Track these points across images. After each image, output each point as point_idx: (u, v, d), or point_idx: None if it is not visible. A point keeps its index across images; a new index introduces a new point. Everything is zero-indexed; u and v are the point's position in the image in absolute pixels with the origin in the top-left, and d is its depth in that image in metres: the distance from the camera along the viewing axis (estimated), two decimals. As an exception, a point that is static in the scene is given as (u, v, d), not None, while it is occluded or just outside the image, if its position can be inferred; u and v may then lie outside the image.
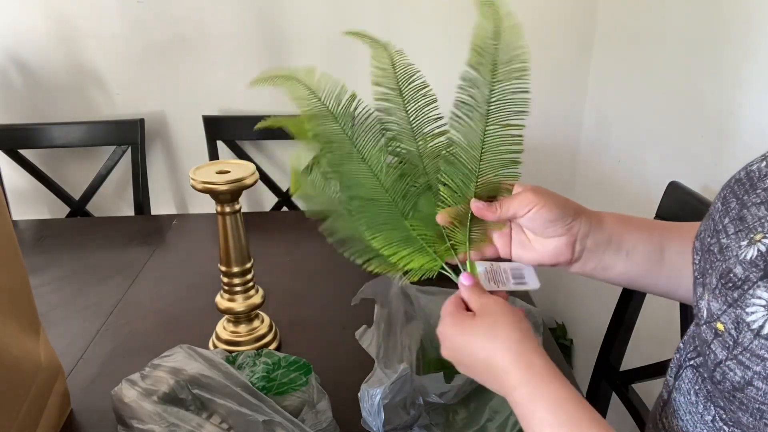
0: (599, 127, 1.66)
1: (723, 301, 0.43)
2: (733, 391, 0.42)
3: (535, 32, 1.65)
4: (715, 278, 0.45)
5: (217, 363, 0.73)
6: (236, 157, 1.66)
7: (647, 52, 1.39)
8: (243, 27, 1.59)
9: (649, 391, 1.10)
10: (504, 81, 0.58)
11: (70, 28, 1.58)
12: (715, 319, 0.43)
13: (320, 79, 0.60)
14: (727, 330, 0.42)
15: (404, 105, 0.61)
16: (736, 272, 0.42)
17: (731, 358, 0.41)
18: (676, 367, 0.54)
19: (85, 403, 0.82)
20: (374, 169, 0.60)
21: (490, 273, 0.61)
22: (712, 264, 0.47)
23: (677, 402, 0.51)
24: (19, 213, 1.72)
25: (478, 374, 0.53)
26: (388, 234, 0.61)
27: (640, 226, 0.60)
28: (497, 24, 0.60)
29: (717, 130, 1.14)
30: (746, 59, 1.05)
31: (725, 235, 0.47)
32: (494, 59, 0.59)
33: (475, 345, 0.52)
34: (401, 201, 0.61)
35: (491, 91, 0.58)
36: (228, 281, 0.87)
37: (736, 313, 0.41)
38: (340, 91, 0.60)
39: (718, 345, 0.42)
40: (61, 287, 1.11)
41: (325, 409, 0.73)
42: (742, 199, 0.47)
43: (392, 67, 0.62)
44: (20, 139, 1.58)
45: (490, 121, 0.58)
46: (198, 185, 0.79)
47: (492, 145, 0.59)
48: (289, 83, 0.61)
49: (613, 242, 0.58)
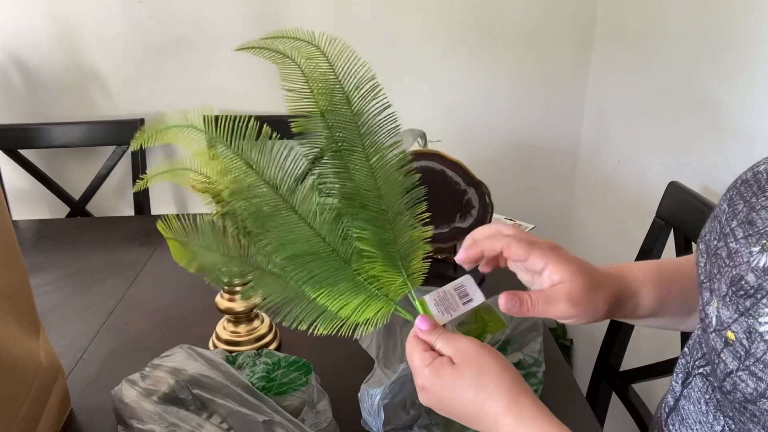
0: (599, 127, 1.66)
1: (734, 309, 0.41)
2: (745, 402, 0.40)
3: (535, 32, 1.65)
4: (724, 284, 0.44)
5: (217, 363, 0.73)
6: (236, 157, 1.66)
7: (647, 52, 1.39)
8: (243, 27, 1.59)
9: (649, 391, 1.10)
10: (363, 108, 0.54)
11: (70, 28, 1.58)
12: (725, 328, 0.42)
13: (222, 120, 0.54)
14: (739, 339, 0.40)
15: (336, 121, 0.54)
16: (749, 280, 0.41)
17: (743, 368, 0.40)
18: (683, 373, 0.53)
19: (85, 403, 0.82)
20: (307, 218, 0.54)
21: (441, 304, 0.56)
22: (720, 269, 0.46)
23: (686, 410, 0.51)
24: (19, 213, 1.72)
25: (467, 423, 0.51)
26: (334, 287, 0.55)
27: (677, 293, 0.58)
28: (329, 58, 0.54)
29: (717, 130, 1.14)
30: (746, 59, 1.05)
31: (734, 239, 0.45)
32: (344, 93, 0.54)
33: (465, 398, 0.49)
34: (341, 246, 0.55)
35: (358, 125, 0.54)
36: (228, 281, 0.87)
37: (749, 322, 0.40)
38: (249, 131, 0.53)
39: (728, 354, 0.41)
40: (61, 287, 1.11)
41: (325, 409, 0.73)
42: (750, 201, 0.46)
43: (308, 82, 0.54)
44: (20, 139, 1.58)
45: (372, 153, 0.54)
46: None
47: (384, 175, 0.54)
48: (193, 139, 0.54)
49: (650, 315, 0.58)
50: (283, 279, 0.55)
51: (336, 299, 0.55)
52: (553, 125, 1.75)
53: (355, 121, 0.54)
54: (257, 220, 0.53)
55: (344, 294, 0.55)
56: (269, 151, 0.53)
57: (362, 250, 0.55)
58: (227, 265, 0.57)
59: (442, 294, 0.57)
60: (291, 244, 0.54)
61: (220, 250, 0.57)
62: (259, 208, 0.53)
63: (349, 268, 0.55)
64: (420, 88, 1.70)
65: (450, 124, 1.73)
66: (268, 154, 0.53)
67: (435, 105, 1.71)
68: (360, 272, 0.55)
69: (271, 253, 0.54)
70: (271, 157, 0.53)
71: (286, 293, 0.55)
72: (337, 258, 0.55)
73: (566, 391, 0.84)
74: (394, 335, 0.78)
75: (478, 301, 0.57)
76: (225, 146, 0.53)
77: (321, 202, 0.54)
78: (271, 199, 0.53)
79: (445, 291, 0.57)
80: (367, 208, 0.54)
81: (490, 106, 1.72)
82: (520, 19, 1.64)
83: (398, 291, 0.56)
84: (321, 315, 0.55)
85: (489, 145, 1.74)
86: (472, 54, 1.65)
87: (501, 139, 1.75)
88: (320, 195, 0.54)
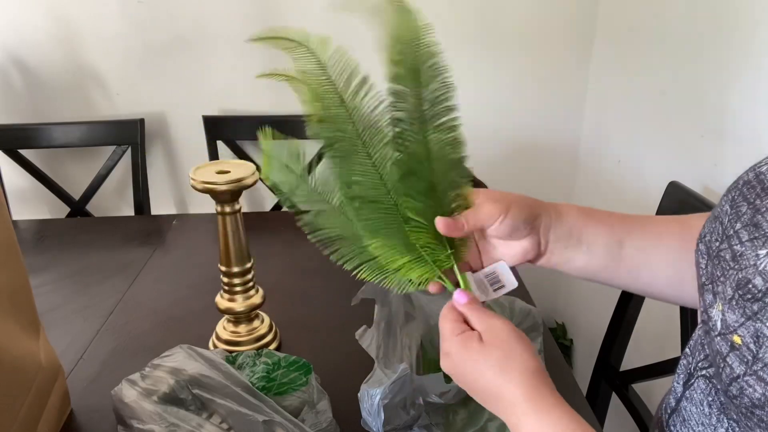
0: (599, 127, 1.66)
1: (741, 313, 0.41)
2: (752, 407, 0.40)
3: (535, 32, 1.65)
4: (730, 288, 0.43)
5: (217, 363, 0.73)
6: (236, 157, 1.66)
7: (647, 52, 1.39)
8: (243, 27, 1.59)
9: (649, 391, 1.10)
10: (429, 83, 0.55)
11: (70, 28, 1.58)
12: (731, 332, 0.41)
13: (334, 54, 0.55)
14: (746, 344, 0.40)
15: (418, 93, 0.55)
16: (756, 284, 0.41)
17: (750, 373, 0.39)
18: (684, 374, 0.52)
19: (85, 403, 0.82)
20: (378, 166, 0.56)
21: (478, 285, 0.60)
22: (725, 272, 0.45)
23: (688, 411, 0.50)
24: (19, 213, 1.72)
25: (481, 399, 0.52)
26: (388, 240, 0.57)
27: (602, 220, 0.60)
28: (411, 28, 0.55)
29: (717, 130, 1.14)
30: (747, 59, 1.05)
31: (738, 242, 0.45)
32: (415, 65, 0.55)
33: (485, 377, 0.50)
34: (401, 204, 0.57)
35: (421, 98, 0.55)
36: (228, 281, 0.87)
37: (756, 326, 0.39)
38: (352, 73, 0.54)
39: (735, 359, 0.41)
40: (61, 287, 1.11)
41: (325, 409, 0.73)
42: (755, 203, 0.45)
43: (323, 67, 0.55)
44: (20, 139, 1.58)
45: (429, 127, 0.56)
46: (198, 185, 0.79)
47: (437, 150, 0.56)
48: (299, 51, 0.55)
49: (573, 235, 0.58)
50: (345, 216, 0.57)
51: (387, 251, 0.56)
52: (553, 125, 1.75)
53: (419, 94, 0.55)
54: (335, 152, 0.56)
55: (395, 249, 0.57)
56: (362, 96, 0.55)
57: (411, 219, 0.57)
58: (297, 188, 0.58)
59: (476, 278, 0.60)
60: (359, 185, 0.56)
61: (296, 171, 0.59)
62: (339, 141, 0.56)
63: (405, 227, 0.57)
64: (420, 88, 1.70)
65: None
66: (362, 98, 0.55)
67: (435, 105, 1.71)
68: (412, 234, 0.57)
69: (339, 187, 0.57)
70: (363, 101, 0.55)
71: (342, 231, 0.57)
72: (397, 213, 0.56)
73: (566, 391, 0.84)
74: (394, 335, 0.79)
75: (512, 286, 0.59)
76: (326, 75, 0.55)
77: (394, 157, 0.56)
78: (353, 137, 0.55)
79: (478, 275, 0.60)
80: (422, 179, 0.56)
81: (491, 106, 1.72)
82: (520, 19, 1.64)
83: (442, 263, 0.58)
84: (368, 262, 0.57)
85: (489, 145, 1.74)
86: (472, 54, 1.65)
87: (501, 138, 1.75)
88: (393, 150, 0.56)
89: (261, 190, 1.76)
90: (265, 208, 1.82)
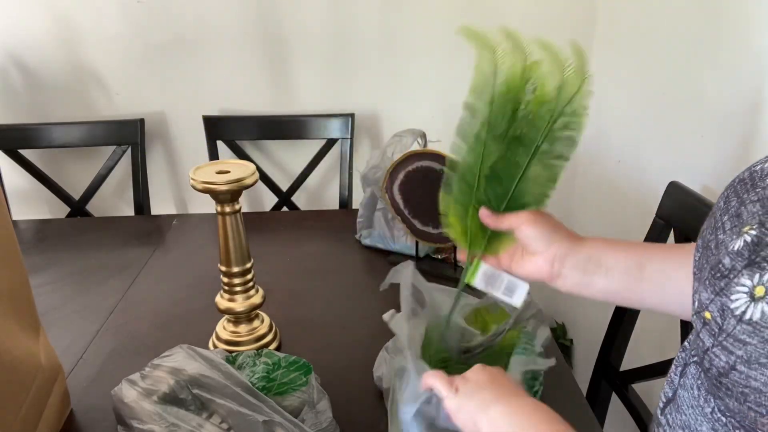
0: (599, 127, 1.66)
1: (711, 290, 0.44)
2: (719, 377, 0.43)
3: (535, 32, 1.65)
4: (707, 271, 0.46)
5: (217, 363, 0.73)
6: (236, 157, 1.66)
7: (647, 52, 1.39)
8: (243, 27, 1.59)
9: (649, 391, 1.10)
10: (559, 129, 0.64)
11: (70, 28, 1.58)
12: (703, 309, 0.45)
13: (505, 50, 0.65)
14: (714, 318, 0.43)
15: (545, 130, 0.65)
16: (725, 263, 0.44)
17: (717, 345, 0.42)
18: (681, 365, 0.54)
19: (85, 403, 0.82)
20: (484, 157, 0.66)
21: (490, 276, 0.68)
22: (708, 258, 0.48)
23: (681, 398, 0.52)
24: (19, 213, 1.72)
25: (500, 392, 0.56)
26: (457, 205, 0.69)
27: (621, 247, 0.64)
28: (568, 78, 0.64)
29: (717, 130, 1.14)
30: (747, 59, 1.05)
31: (722, 232, 0.48)
32: (556, 110, 0.63)
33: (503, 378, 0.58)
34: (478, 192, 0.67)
35: (545, 136, 0.64)
36: (228, 281, 0.87)
37: (722, 301, 0.42)
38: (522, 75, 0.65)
39: (705, 333, 0.44)
40: (61, 287, 1.11)
41: (325, 409, 0.73)
42: (742, 197, 0.48)
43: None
44: (20, 139, 1.58)
45: (534, 159, 0.64)
46: (198, 185, 0.79)
47: (532, 176, 0.65)
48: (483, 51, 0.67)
49: (592, 261, 0.63)
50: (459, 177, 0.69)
51: (453, 210, 0.69)
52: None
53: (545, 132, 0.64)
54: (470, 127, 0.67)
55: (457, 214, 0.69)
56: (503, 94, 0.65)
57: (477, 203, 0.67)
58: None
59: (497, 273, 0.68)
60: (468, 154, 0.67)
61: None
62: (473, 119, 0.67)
63: (471, 205, 0.68)
64: (420, 88, 1.70)
65: (450, 124, 1.72)
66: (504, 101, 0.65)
67: (435, 105, 1.71)
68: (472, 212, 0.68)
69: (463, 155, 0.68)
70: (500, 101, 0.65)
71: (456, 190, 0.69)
72: (471, 193, 0.67)
73: (566, 391, 0.85)
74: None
75: (515, 302, 0.67)
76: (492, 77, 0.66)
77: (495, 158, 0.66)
78: (482, 121, 0.65)
79: (501, 273, 0.68)
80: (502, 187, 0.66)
81: (490, 106, 1.72)
82: (520, 18, 1.64)
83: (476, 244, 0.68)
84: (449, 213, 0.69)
85: (489, 145, 1.74)
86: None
87: (501, 139, 1.75)
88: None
89: (261, 190, 1.76)
90: (265, 208, 1.82)
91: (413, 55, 1.66)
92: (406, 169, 1.09)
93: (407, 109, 1.73)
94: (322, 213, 1.57)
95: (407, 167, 1.09)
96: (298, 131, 1.65)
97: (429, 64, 1.67)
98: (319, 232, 1.31)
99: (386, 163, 1.14)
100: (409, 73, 1.67)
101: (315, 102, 1.68)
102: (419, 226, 1.10)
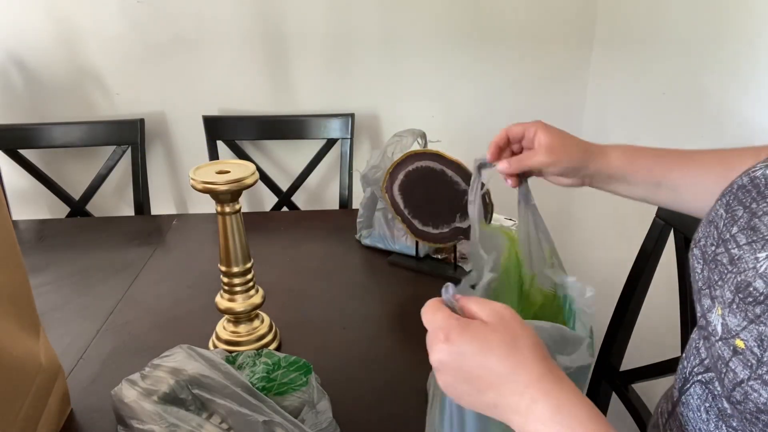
0: (599, 127, 1.66)
1: (743, 316, 0.40)
2: (758, 413, 0.39)
3: (535, 32, 1.65)
4: (729, 291, 0.43)
5: (217, 363, 0.73)
6: (236, 157, 1.66)
7: (647, 52, 1.39)
8: (243, 27, 1.59)
9: (649, 391, 1.10)
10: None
11: (70, 28, 1.58)
12: (733, 336, 0.41)
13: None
14: (749, 347, 0.39)
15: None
16: (757, 286, 0.40)
17: (755, 377, 0.39)
18: (681, 380, 0.52)
19: (85, 403, 0.82)
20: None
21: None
22: (723, 275, 0.45)
23: (685, 417, 0.50)
24: (19, 213, 1.72)
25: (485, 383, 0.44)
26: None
27: (643, 165, 0.70)
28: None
29: (717, 130, 1.14)
30: (747, 59, 1.05)
31: (735, 246, 0.45)
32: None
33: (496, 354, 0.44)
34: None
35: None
36: (228, 281, 0.87)
37: (759, 329, 0.39)
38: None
39: (738, 363, 0.40)
40: (61, 287, 1.11)
41: (325, 409, 0.73)
42: (750, 207, 0.45)
43: None
44: (20, 139, 1.58)
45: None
46: (198, 185, 0.79)
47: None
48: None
49: (616, 176, 0.71)
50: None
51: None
52: (553, 125, 1.75)
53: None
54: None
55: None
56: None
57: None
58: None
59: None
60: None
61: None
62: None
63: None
64: (420, 88, 1.70)
65: (450, 124, 1.73)
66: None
67: (435, 105, 1.71)
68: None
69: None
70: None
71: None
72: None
73: (566, 391, 0.84)
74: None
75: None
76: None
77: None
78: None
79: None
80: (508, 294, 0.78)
81: (490, 106, 1.72)
82: (521, 19, 1.64)
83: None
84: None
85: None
86: (472, 54, 1.65)
87: (501, 139, 1.75)
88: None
89: (261, 190, 1.76)
90: (265, 208, 1.82)
91: (413, 55, 1.66)
92: (406, 169, 1.09)
93: (407, 109, 1.73)
94: (322, 213, 1.57)
95: (407, 167, 1.09)
96: (298, 131, 1.65)
97: (429, 64, 1.67)
98: (319, 232, 1.31)
99: (386, 163, 1.14)
100: (409, 73, 1.67)
101: (315, 102, 1.68)
102: (419, 226, 1.10)
